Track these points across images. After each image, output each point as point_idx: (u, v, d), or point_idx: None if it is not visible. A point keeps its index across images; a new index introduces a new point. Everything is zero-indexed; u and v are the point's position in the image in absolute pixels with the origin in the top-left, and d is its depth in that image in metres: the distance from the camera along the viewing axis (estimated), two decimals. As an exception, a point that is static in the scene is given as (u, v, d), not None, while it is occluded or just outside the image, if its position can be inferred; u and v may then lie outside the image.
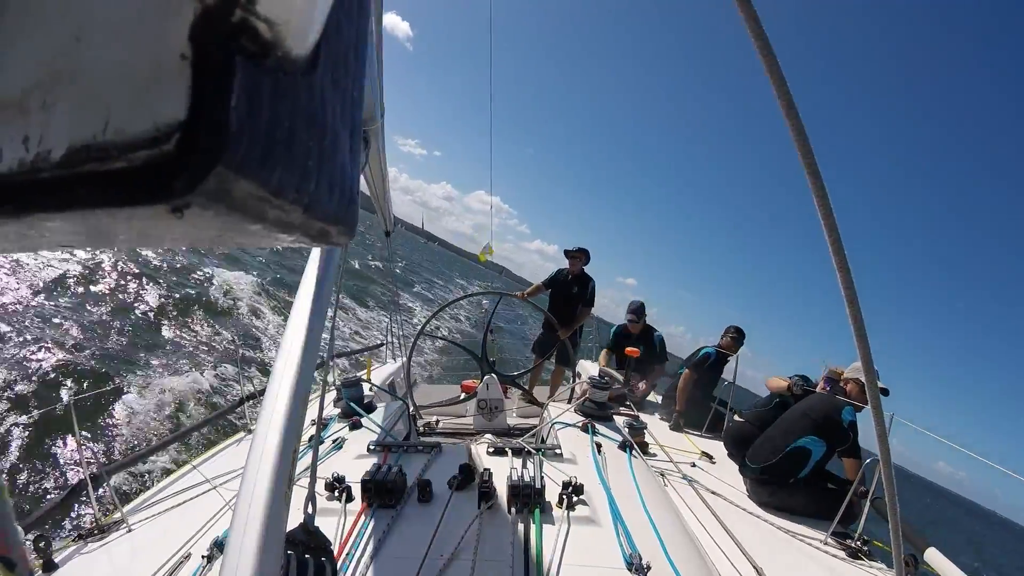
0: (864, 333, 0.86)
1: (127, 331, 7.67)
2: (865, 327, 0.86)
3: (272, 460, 0.56)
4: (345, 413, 2.70)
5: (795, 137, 0.69)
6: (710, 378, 4.76)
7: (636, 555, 1.37)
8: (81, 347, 6.62)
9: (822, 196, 0.73)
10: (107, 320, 7.74)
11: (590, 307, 5.46)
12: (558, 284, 5.51)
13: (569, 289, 5.40)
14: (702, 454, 3.86)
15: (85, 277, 8.85)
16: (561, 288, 5.47)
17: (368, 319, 14.13)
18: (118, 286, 9.11)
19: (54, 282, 8.14)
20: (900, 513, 1.11)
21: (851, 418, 3.03)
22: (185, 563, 1.60)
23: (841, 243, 0.78)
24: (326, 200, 0.23)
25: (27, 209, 0.20)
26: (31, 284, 7.79)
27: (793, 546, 2.62)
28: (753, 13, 0.61)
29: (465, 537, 1.45)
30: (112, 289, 8.88)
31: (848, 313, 0.84)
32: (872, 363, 0.91)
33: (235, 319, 9.87)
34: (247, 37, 0.19)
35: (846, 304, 0.83)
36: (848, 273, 0.80)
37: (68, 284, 8.32)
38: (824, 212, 0.75)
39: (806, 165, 0.71)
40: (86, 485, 2.05)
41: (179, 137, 0.17)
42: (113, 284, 9.10)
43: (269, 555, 0.52)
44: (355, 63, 0.26)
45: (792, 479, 3.06)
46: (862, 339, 0.86)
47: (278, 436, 0.58)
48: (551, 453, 2.09)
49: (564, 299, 5.42)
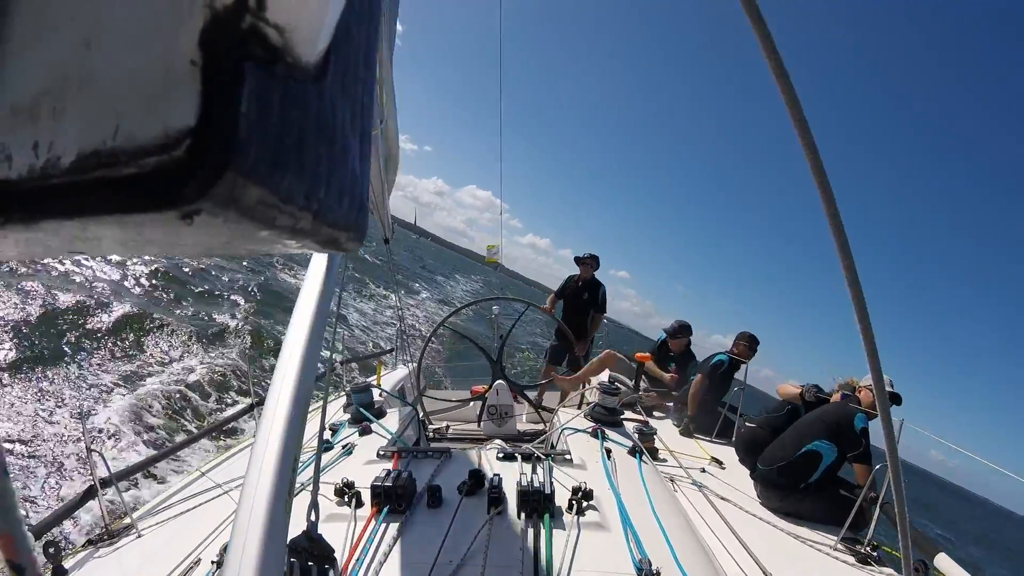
0: (871, 334, 0.85)
1: (129, 333, 7.74)
2: (872, 330, 0.85)
3: (272, 468, 0.56)
4: (355, 418, 2.70)
5: (799, 133, 0.68)
6: (721, 384, 4.73)
7: (646, 560, 1.36)
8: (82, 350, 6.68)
9: (826, 189, 0.73)
10: (108, 322, 7.80)
11: (602, 313, 5.48)
12: (569, 292, 5.52)
13: (580, 296, 5.43)
14: (712, 459, 3.84)
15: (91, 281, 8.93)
16: (572, 296, 5.49)
17: (375, 315, 14.20)
18: (127, 282, 9.19)
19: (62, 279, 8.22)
20: (909, 519, 1.09)
21: (863, 424, 3.02)
22: (195, 569, 1.60)
23: (846, 239, 0.77)
24: (336, 206, 0.23)
25: (37, 215, 0.20)
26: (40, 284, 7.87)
27: (803, 552, 2.60)
28: (757, 10, 0.61)
29: (474, 543, 1.45)
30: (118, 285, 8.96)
31: (856, 318, 0.83)
32: (879, 365, 0.90)
33: (241, 324, 9.91)
34: (257, 43, 0.19)
35: (853, 307, 0.82)
36: (854, 272, 0.79)
37: (76, 283, 8.41)
38: (828, 206, 0.74)
39: (810, 160, 0.70)
40: (96, 491, 2.06)
41: (189, 143, 0.17)
42: (123, 280, 9.19)
43: (270, 564, 0.52)
44: (365, 69, 0.26)
45: (803, 484, 3.05)
46: (869, 341, 0.85)
47: (278, 444, 0.58)
48: (561, 458, 2.08)
49: (575, 307, 5.44)
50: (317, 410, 1.55)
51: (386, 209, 3.53)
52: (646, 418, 3.76)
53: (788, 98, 0.66)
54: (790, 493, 3.07)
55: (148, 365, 7.13)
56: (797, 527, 2.85)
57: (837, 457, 3.05)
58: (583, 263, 5.43)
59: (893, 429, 1.04)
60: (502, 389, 3.50)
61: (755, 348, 4.74)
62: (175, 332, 8.37)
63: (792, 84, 0.65)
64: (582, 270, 5.44)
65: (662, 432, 3.47)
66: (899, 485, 1.05)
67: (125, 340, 7.53)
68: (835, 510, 2.86)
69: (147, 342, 7.76)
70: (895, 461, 1.04)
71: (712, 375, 4.65)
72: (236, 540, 0.52)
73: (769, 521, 2.88)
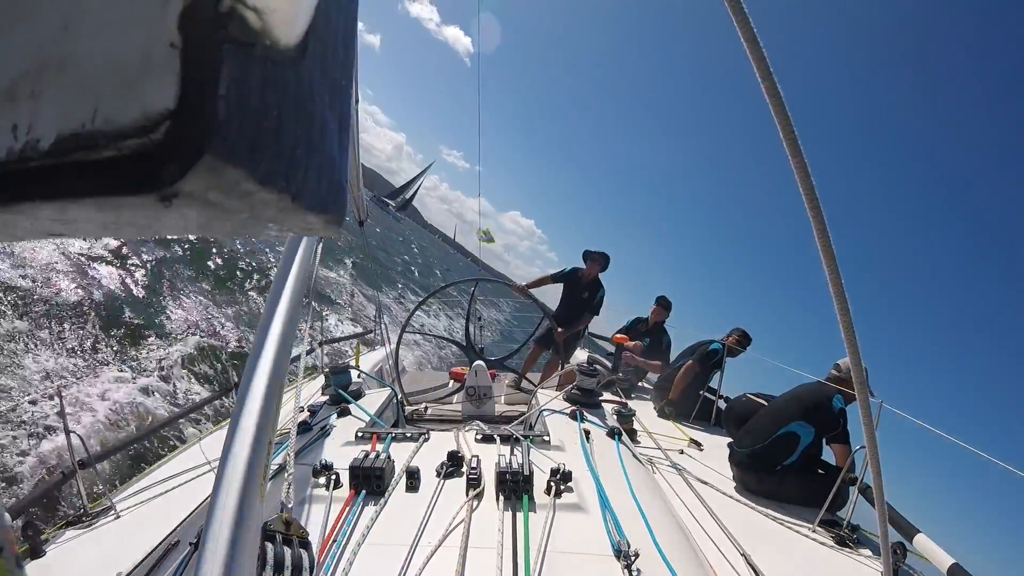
0: (848, 310, 0.86)
1: (115, 309, 7.61)
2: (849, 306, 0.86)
3: (246, 450, 0.56)
4: (333, 400, 2.70)
5: (781, 129, 0.69)
6: (709, 373, 4.71)
7: (624, 542, 1.38)
8: (68, 330, 6.57)
9: (807, 183, 0.74)
10: (92, 300, 7.67)
11: (595, 315, 5.37)
12: (570, 284, 5.37)
13: (580, 293, 5.29)
14: (690, 441, 3.90)
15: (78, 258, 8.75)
16: (572, 290, 5.35)
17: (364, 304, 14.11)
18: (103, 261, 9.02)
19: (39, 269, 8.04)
20: (887, 500, 1.12)
21: (840, 405, 3.06)
22: (173, 550, 1.60)
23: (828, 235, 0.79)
24: (314, 189, 0.23)
25: (16, 198, 0.20)
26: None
27: (782, 533, 2.65)
28: (743, 11, 0.61)
29: (453, 524, 1.47)
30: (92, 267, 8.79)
31: (833, 296, 0.85)
32: (857, 346, 0.92)
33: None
34: (236, 26, 0.19)
35: (830, 284, 0.84)
36: (834, 262, 0.81)
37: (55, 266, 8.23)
38: (809, 199, 0.75)
39: (793, 160, 0.71)
40: (74, 472, 2.04)
41: (168, 126, 0.18)
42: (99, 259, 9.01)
43: (244, 546, 0.52)
44: (344, 52, 0.26)
45: (779, 465, 3.08)
46: (845, 317, 0.87)
47: (253, 425, 0.58)
48: (539, 440, 2.10)
49: (573, 303, 5.32)
50: (294, 392, 1.54)
51: (360, 191, 3.56)
52: (625, 400, 3.80)
53: (768, 86, 0.66)
54: (768, 475, 3.11)
55: (125, 348, 7.03)
56: (776, 509, 2.90)
57: (814, 438, 3.09)
58: (592, 260, 5.25)
59: (872, 411, 1.06)
60: (480, 370, 3.53)
61: (746, 345, 4.69)
62: (155, 316, 8.26)
63: (777, 86, 0.66)
64: (589, 266, 5.27)
65: (641, 414, 3.51)
66: (877, 467, 1.07)
67: (106, 323, 7.41)
68: (814, 492, 2.89)
69: (127, 326, 7.65)
70: (873, 443, 1.06)
71: (704, 362, 4.63)
72: (211, 522, 0.53)
73: (747, 503, 2.93)
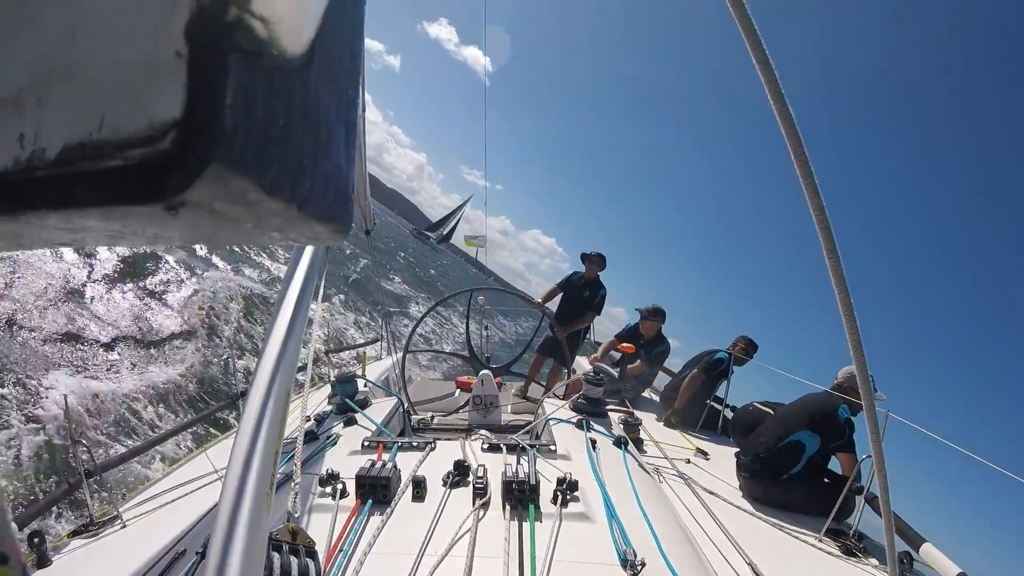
0: (854, 319, 0.86)
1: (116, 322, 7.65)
2: (856, 320, 0.86)
3: (253, 459, 0.56)
4: (339, 409, 2.70)
5: (784, 128, 0.69)
6: (715, 382, 4.68)
7: (631, 551, 1.38)
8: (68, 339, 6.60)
9: (811, 183, 0.73)
10: (94, 313, 7.71)
11: (596, 313, 5.44)
12: (570, 287, 5.47)
13: (580, 294, 5.38)
14: (697, 451, 3.87)
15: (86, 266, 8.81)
16: (572, 292, 5.44)
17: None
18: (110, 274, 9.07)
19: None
20: (893, 509, 1.11)
21: (847, 415, 3.04)
22: (180, 559, 1.60)
23: (831, 229, 0.78)
24: (321, 198, 0.23)
25: (22, 208, 0.20)
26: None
27: (788, 543, 2.63)
28: (745, 13, 0.61)
29: (459, 534, 1.46)
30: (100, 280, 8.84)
31: (839, 305, 0.85)
32: (863, 356, 0.92)
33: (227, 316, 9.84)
34: (242, 35, 0.19)
35: (836, 294, 0.83)
36: (840, 270, 0.80)
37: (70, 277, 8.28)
38: (813, 200, 0.75)
39: (795, 156, 0.71)
40: (81, 482, 2.05)
41: (174, 135, 0.18)
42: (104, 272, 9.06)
43: (251, 556, 0.52)
44: (350, 61, 0.26)
45: (785, 474, 3.07)
46: (852, 327, 0.86)
47: (260, 434, 0.58)
48: (545, 449, 2.09)
49: (574, 303, 5.39)
50: (301, 401, 1.54)
51: (367, 200, 3.57)
52: (631, 409, 3.78)
53: (770, 84, 0.66)
54: (774, 484, 3.09)
55: (132, 357, 7.06)
56: (782, 518, 2.88)
57: (820, 447, 3.07)
58: (590, 261, 5.37)
59: (878, 420, 1.06)
60: (487, 379, 3.53)
61: (752, 353, 4.66)
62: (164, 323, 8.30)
63: (780, 85, 0.66)
64: (588, 268, 5.38)
65: (647, 423, 3.49)
66: (883, 476, 1.06)
67: (112, 331, 7.44)
68: (820, 500, 2.87)
69: (132, 334, 7.68)
70: (879, 452, 1.06)
71: (709, 372, 4.60)
72: (217, 532, 0.52)
73: (753, 512, 2.91)
